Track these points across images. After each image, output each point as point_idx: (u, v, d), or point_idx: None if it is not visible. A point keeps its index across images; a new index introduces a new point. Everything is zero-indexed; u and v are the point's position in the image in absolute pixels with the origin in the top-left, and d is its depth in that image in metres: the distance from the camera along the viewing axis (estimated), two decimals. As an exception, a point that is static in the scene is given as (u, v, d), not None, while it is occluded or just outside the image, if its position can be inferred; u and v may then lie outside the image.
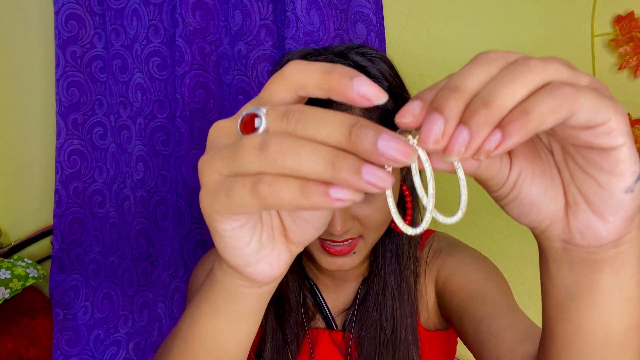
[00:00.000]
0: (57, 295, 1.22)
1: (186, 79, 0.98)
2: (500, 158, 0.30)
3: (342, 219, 0.56)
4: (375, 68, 0.59)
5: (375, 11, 0.87)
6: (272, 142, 0.24)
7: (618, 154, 0.26)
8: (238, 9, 0.94)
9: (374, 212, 0.58)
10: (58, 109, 1.17)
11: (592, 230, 0.29)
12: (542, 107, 0.24)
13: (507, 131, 0.24)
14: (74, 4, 1.13)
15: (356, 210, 0.58)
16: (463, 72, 0.25)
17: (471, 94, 0.25)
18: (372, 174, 0.23)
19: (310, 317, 0.71)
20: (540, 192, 0.30)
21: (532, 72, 0.24)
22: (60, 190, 1.20)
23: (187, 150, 1.00)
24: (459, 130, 0.24)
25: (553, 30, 0.82)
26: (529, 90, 0.24)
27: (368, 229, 0.60)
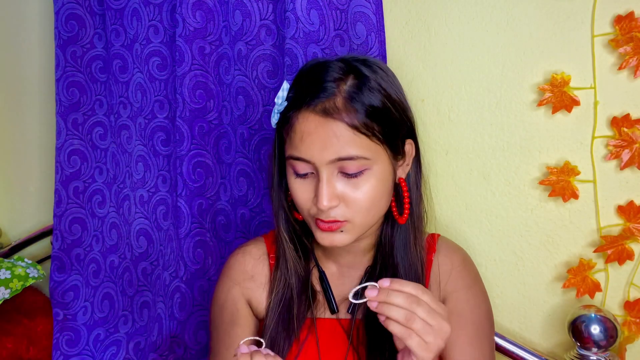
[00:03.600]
0: (57, 295, 1.22)
1: (186, 79, 0.98)
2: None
3: (328, 196, 0.63)
4: (375, 80, 0.65)
5: (375, 11, 0.87)
6: None
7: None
8: (238, 9, 0.94)
9: (360, 195, 0.64)
10: (58, 109, 1.17)
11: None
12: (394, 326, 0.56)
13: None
14: (74, 4, 1.13)
15: (342, 189, 0.65)
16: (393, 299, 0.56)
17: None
18: None
19: (315, 303, 0.75)
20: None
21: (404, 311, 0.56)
22: (60, 190, 1.20)
23: (187, 150, 1.00)
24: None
25: (553, 30, 0.82)
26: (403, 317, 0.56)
27: (354, 211, 0.65)
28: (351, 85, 0.64)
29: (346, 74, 0.65)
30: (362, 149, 0.63)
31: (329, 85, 0.64)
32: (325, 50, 0.89)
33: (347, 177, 0.64)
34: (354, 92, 0.64)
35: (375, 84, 0.65)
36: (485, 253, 0.91)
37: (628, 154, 0.79)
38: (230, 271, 0.80)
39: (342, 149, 0.62)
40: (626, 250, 0.80)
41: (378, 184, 0.65)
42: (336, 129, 0.62)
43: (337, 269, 0.77)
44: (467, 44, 0.88)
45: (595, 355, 0.78)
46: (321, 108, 0.63)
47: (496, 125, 0.87)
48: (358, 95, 0.63)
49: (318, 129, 0.63)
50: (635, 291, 0.81)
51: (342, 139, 0.62)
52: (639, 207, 0.79)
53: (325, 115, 0.63)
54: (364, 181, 0.64)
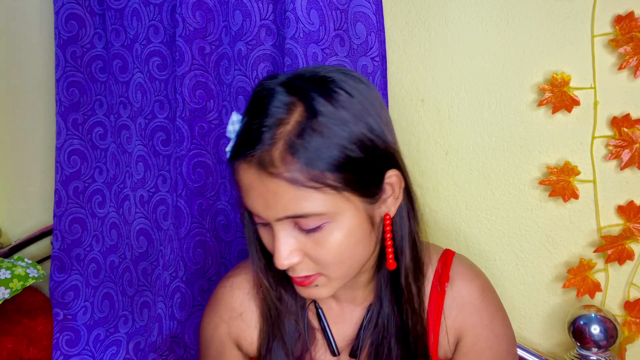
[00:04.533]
0: (57, 295, 1.22)
1: (186, 79, 0.98)
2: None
3: (284, 254, 0.54)
4: (332, 116, 0.52)
5: (375, 11, 0.87)
6: None
7: None
8: (238, 9, 0.94)
9: (323, 252, 0.55)
10: (58, 109, 1.17)
11: None
12: None
13: None
14: (74, 4, 1.13)
15: (303, 245, 0.55)
16: None
17: None
18: None
19: (314, 342, 0.68)
20: None
21: None
22: (60, 190, 1.20)
23: (187, 150, 1.00)
24: None
25: (553, 30, 0.82)
26: None
27: (323, 267, 0.56)
28: (295, 129, 0.51)
29: (291, 110, 0.52)
30: (312, 205, 0.52)
31: (265, 136, 0.52)
32: (325, 50, 0.89)
33: (306, 233, 0.54)
34: (298, 137, 0.51)
35: (331, 122, 0.52)
36: (485, 253, 0.91)
37: (628, 154, 0.79)
38: (217, 307, 0.72)
39: (286, 208, 0.52)
40: (626, 250, 0.80)
41: (345, 236, 0.54)
42: (275, 186, 0.51)
43: (336, 305, 0.69)
44: (467, 44, 0.88)
45: (595, 355, 0.78)
46: (257, 161, 0.52)
47: (496, 125, 0.87)
48: (303, 142, 0.51)
49: (257, 185, 0.53)
50: (635, 291, 0.81)
51: (284, 197, 0.52)
52: (639, 207, 0.79)
53: (262, 170, 0.52)
54: (326, 236, 0.54)
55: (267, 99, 0.54)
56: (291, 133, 0.51)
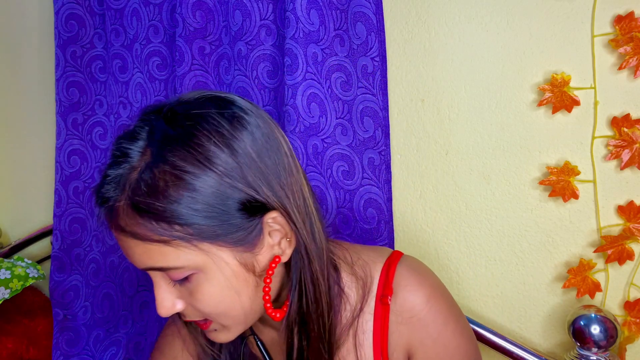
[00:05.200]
0: (57, 295, 1.22)
1: (186, 79, 0.98)
2: None
3: (162, 303, 0.52)
4: (178, 161, 0.49)
5: (375, 11, 0.87)
6: None
7: None
8: (238, 9, 0.94)
9: (199, 303, 0.52)
10: (58, 109, 1.17)
11: None
12: None
13: None
14: (74, 4, 1.13)
15: (180, 294, 0.53)
16: None
17: None
18: None
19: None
20: None
21: None
22: (60, 190, 1.20)
23: (187, 150, 1.00)
24: None
25: (553, 30, 0.82)
26: None
27: (207, 314, 0.54)
28: (139, 181, 0.48)
29: (141, 156, 0.50)
30: (167, 259, 0.49)
31: (109, 190, 0.50)
32: (325, 50, 0.89)
33: (181, 284, 0.52)
34: (140, 191, 0.48)
35: (180, 173, 0.48)
36: (485, 253, 0.91)
37: (628, 154, 0.79)
38: (159, 355, 0.70)
39: (142, 261, 0.50)
40: (626, 250, 0.80)
41: (217, 288, 0.51)
42: (125, 241, 0.50)
43: (276, 334, 0.66)
44: (467, 44, 0.88)
45: (595, 355, 0.78)
46: (106, 214, 0.51)
47: (496, 125, 0.87)
48: (146, 197, 0.48)
49: (115, 234, 0.52)
50: (635, 291, 0.81)
51: (136, 251, 0.50)
52: (639, 207, 0.79)
53: (111, 222, 0.51)
54: (196, 288, 0.51)
55: (122, 141, 0.51)
56: (135, 185, 0.48)
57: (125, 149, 0.50)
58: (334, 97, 0.91)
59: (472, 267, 0.91)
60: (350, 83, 0.91)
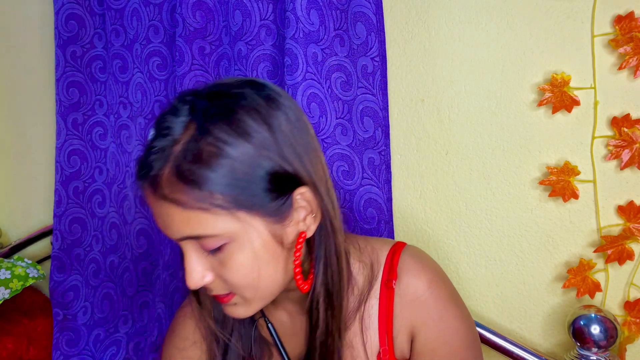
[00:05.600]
0: (57, 295, 1.22)
1: (186, 79, 0.98)
2: None
3: (192, 274, 0.54)
4: (223, 136, 0.52)
5: (375, 11, 0.87)
6: None
7: None
8: (238, 9, 0.94)
9: (229, 273, 0.55)
10: (58, 109, 1.17)
11: None
12: None
13: None
14: (74, 4, 1.13)
15: (211, 265, 0.55)
16: None
17: None
18: None
19: (266, 356, 0.68)
20: None
21: None
22: (60, 190, 1.20)
23: (187, 150, 1.00)
24: None
25: (553, 30, 0.82)
26: None
27: (234, 288, 0.56)
28: (183, 151, 0.52)
29: (184, 130, 0.53)
30: (205, 227, 0.52)
31: (154, 159, 0.52)
32: (325, 50, 0.89)
33: (212, 253, 0.54)
34: (185, 160, 0.51)
35: (222, 144, 0.51)
36: (485, 253, 0.91)
37: (628, 154, 0.79)
38: (172, 337, 0.72)
39: (180, 231, 0.53)
40: (626, 250, 0.80)
41: (250, 256, 0.54)
42: (166, 209, 0.52)
43: (287, 316, 0.68)
44: (467, 44, 0.88)
45: (595, 355, 0.78)
46: (149, 183, 0.53)
47: (496, 125, 0.87)
48: (190, 165, 0.51)
49: (154, 206, 0.54)
50: (635, 291, 0.81)
51: (176, 219, 0.52)
52: (639, 207, 0.79)
53: (154, 191, 0.53)
54: (228, 258, 0.54)
55: (166, 116, 0.54)
56: (180, 155, 0.51)
57: (169, 123, 0.53)
58: (334, 97, 0.91)
59: (472, 267, 0.91)
60: (350, 83, 0.91)
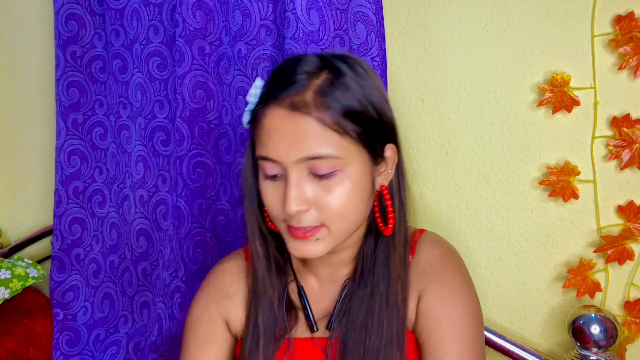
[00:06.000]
0: (57, 295, 1.22)
1: (186, 79, 0.98)
2: None
3: (296, 199, 0.58)
4: (351, 77, 0.61)
5: (375, 11, 0.87)
6: None
7: None
8: (238, 9, 0.94)
9: (332, 199, 0.59)
10: (58, 109, 1.17)
11: None
12: None
13: None
14: (74, 4, 1.13)
15: (313, 193, 0.59)
16: None
17: None
18: None
19: (292, 319, 0.71)
20: None
21: None
22: (60, 190, 1.20)
23: (187, 150, 1.00)
24: None
25: (553, 30, 0.82)
26: None
27: (328, 217, 0.60)
28: (324, 80, 0.59)
29: (320, 69, 0.60)
30: (333, 148, 0.58)
31: (299, 78, 0.59)
32: (325, 50, 0.89)
33: (318, 179, 0.59)
34: (327, 87, 0.59)
35: (352, 82, 0.60)
36: (485, 253, 0.91)
37: (628, 154, 0.79)
38: (209, 288, 0.76)
39: (311, 148, 0.57)
40: (626, 250, 0.80)
41: (353, 187, 0.60)
42: (304, 125, 0.57)
43: (317, 282, 0.73)
44: (467, 44, 0.88)
45: (595, 355, 0.78)
46: (289, 102, 0.58)
47: (496, 125, 0.87)
48: (331, 91, 0.58)
49: (285, 125, 0.58)
50: (635, 291, 0.81)
51: (310, 136, 0.57)
52: (639, 207, 0.79)
53: (293, 110, 0.58)
54: (337, 183, 0.59)
55: (297, 61, 0.62)
56: (322, 82, 0.59)
57: (304, 62, 0.61)
58: (334, 97, 0.91)
59: (472, 267, 0.91)
60: (350, 83, 0.91)
